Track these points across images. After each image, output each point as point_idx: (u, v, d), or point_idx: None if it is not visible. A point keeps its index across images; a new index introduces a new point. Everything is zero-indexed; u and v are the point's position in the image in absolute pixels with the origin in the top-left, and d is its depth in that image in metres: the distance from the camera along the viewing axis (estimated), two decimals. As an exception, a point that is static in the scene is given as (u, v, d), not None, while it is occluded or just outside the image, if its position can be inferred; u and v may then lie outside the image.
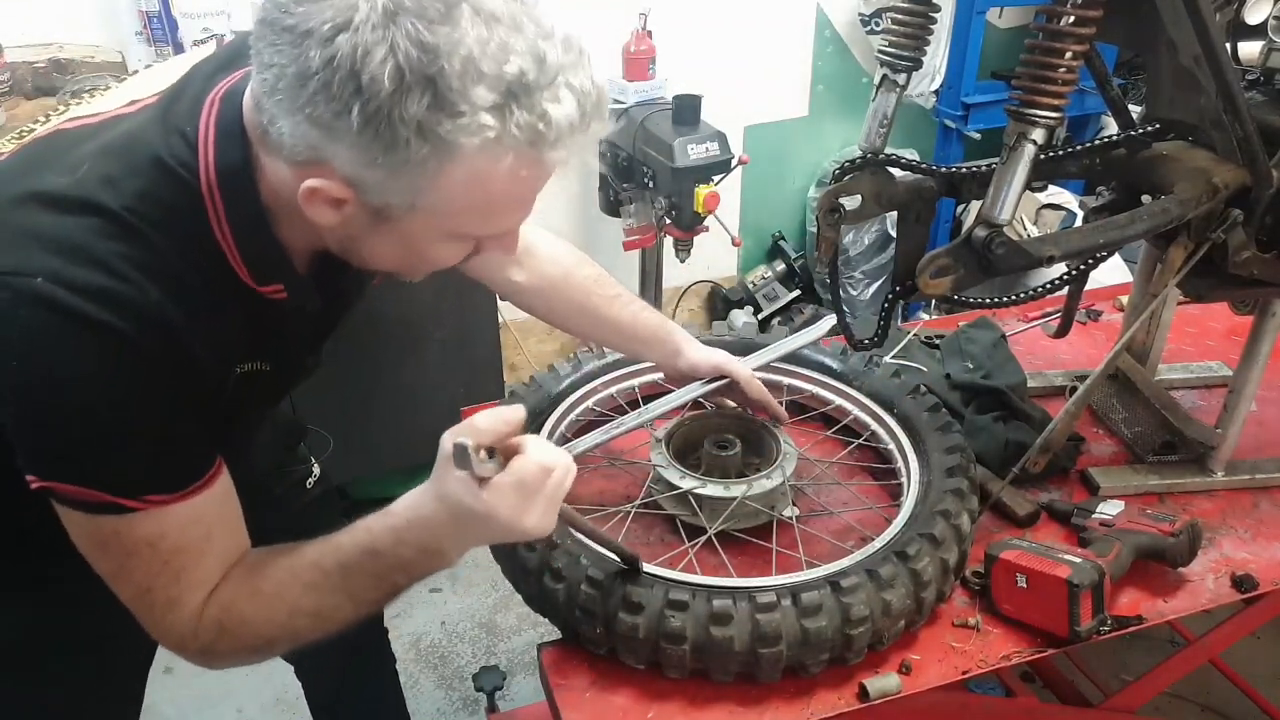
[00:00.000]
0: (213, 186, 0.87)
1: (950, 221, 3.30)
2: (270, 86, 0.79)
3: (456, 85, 0.75)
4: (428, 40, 0.74)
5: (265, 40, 0.78)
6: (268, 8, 0.79)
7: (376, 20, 0.74)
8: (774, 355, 1.56)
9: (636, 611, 1.13)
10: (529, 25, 0.80)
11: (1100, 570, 1.19)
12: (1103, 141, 1.33)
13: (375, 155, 0.78)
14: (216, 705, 2.38)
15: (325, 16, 0.75)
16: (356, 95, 0.75)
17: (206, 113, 0.88)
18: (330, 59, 0.74)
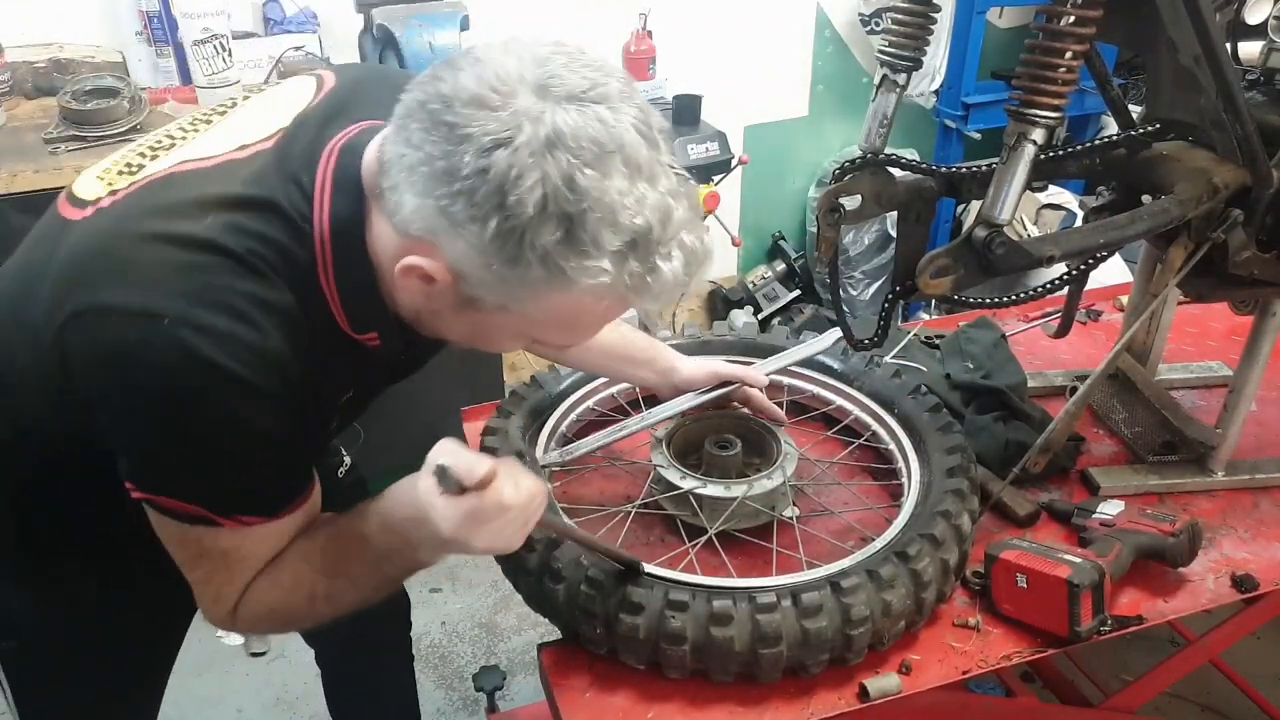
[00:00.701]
0: (325, 237, 0.91)
1: (950, 221, 3.30)
2: (409, 164, 0.81)
3: (590, 229, 0.79)
4: (578, 181, 0.77)
5: (419, 122, 0.81)
6: (430, 94, 0.81)
7: (536, 147, 0.77)
8: (780, 364, 1.55)
9: (636, 612, 1.13)
10: (663, 178, 0.83)
11: (1100, 570, 1.19)
12: (1103, 141, 1.33)
13: (493, 262, 0.81)
14: (216, 705, 2.38)
15: (489, 128, 0.77)
16: (498, 210, 0.78)
17: (324, 164, 0.92)
18: (483, 169, 0.77)
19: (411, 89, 0.84)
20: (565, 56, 0.82)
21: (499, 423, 1.43)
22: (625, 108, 0.81)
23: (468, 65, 0.81)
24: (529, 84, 0.79)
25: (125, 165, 0.97)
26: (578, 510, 1.36)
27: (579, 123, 0.78)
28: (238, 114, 1.04)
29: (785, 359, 1.55)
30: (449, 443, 0.91)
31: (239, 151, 0.94)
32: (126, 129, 2.26)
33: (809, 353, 1.56)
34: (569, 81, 0.80)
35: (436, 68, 0.84)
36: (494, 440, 1.38)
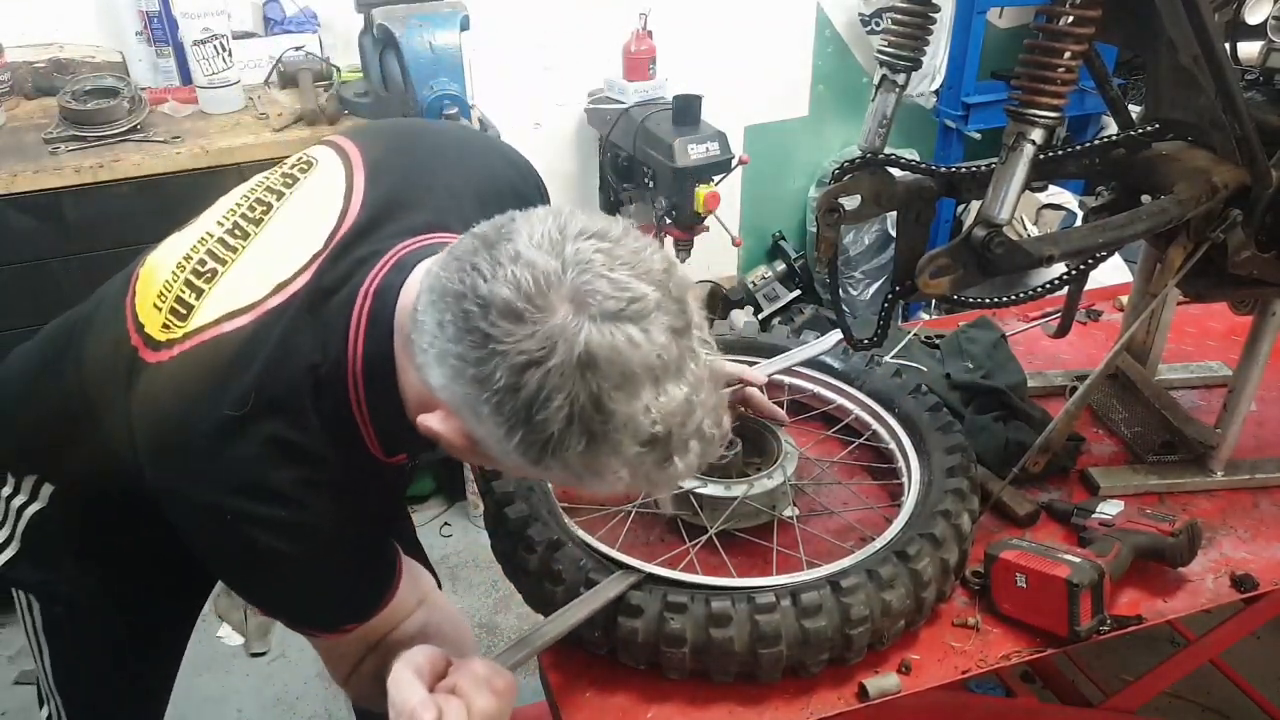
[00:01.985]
0: (358, 377, 0.96)
1: (950, 221, 3.29)
2: (439, 351, 0.82)
3: (612, 443, 0.80)
4: (605, 404, 0.78)
5: (452, 316, 0.81)
6: (467, 287, 0.80)
7: (568, 369, 0.77)
8: (782, 365, 1.55)
9: (635, 615, 1.13)
10: (690, 371, 0.82)
11: (1100, 570, 1.19)
12: (1102, 141, 1.33)
13: (513, 454, 0.83)
14: (217, 705, 2.38)
15: (523, 346, 0.77)
16: (524, 424, 0.79)
17: (359, 308, 0.96)
18: (514, 387, 0.78)
19: (448, 267, 0.83)
20: (605, 256, 0.80)
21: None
22: (659, 318, 0.80)
23: (507, 260, 0.80)
24: (565, 294, 0.78)
25: (177, 301, 1.01)
26: (578, 510, 1.36)
27: (612, 344, 0.78)
28: (275, 222, 1.05)
29: (787, 360, 1.55)
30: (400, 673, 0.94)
31: (275, 296, 0.98)
32: (126, 129, 2.26)
33: (811, 354, 1.56)
34: (607, 296, 0.79)
35: (477, 247, 0.82)
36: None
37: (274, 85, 2.68)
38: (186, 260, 1.05)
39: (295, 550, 0.96)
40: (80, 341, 1.12)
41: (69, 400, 1.11)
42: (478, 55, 2.63)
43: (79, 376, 1.10)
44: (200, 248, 1.06)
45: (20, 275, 2.18)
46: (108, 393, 1.03)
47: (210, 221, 1.09)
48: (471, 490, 2.89)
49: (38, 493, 1.17)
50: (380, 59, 2.47)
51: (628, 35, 3.00)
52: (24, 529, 1.19)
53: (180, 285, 1.03)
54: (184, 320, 1.00)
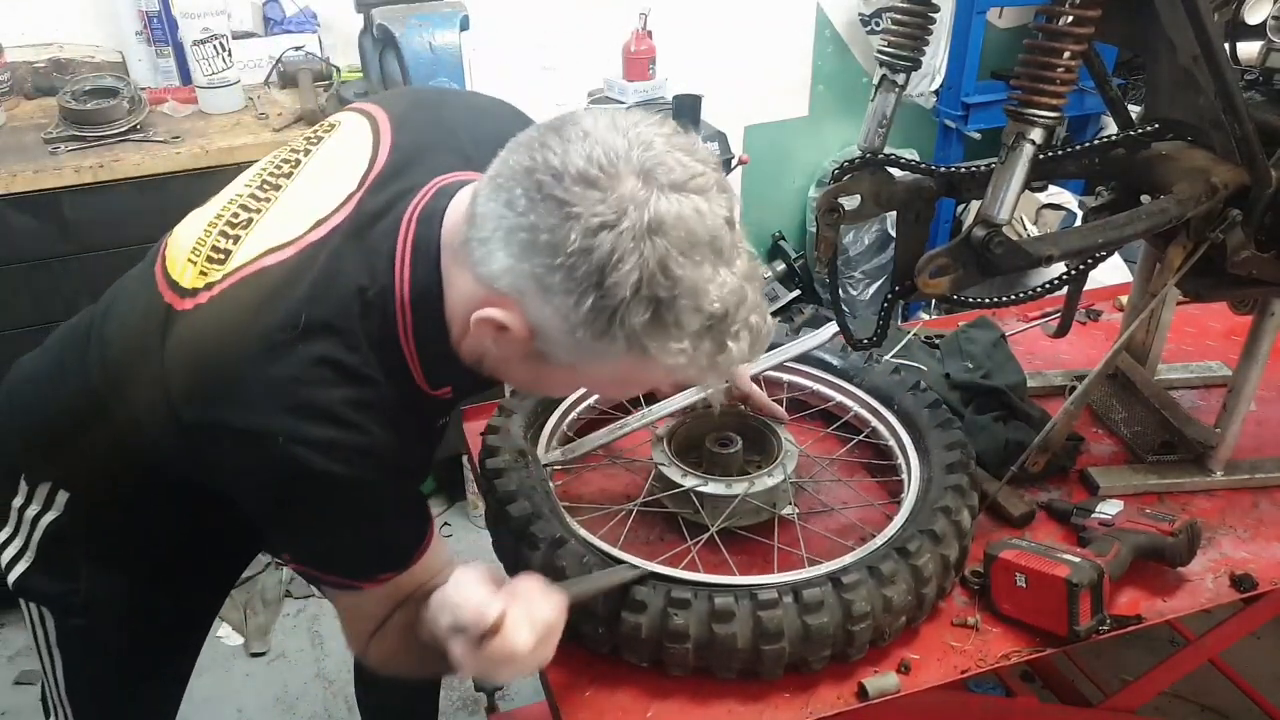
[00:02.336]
0: (405, 304, 0.96)
1: (950, 221, 3.30)
2: (509, 227, 0.84)
3: (676, 313, 0.83)
4: (672, 268, 0.82)
5: (524, 189, 0.83)
6: (538, 162, 0.83)
7: (639, 231, 0.81)
8: (779, 359, 1.56)
9: (639, 611, 1.13)
10: (739, 260, 0.87)
11: (1099, 570, 1.19)
12: (1102, 141, 1.33)
13: (578, 330, 0.85)
14: (216, 705, 2.38)
15: (596, 209, 0.81)
16: (595, 289, 0.82)
17: (403, 234, 0.96)
18: (587, 249, 0.81)
19: (516, 152, 0.86)
20: (665, 140, 0.85)
21: (500, 421, 1.43)
22: (719, 198, 0.85)
23: (576, 139, 0.84)
24: (634, 166, 0.82)
25: (213, 250, 1.01)
26: (579, 509, 1.36)
27: (679, 211, 0.82)
28: (305, 173, 1.06)
29: (783, 354, 1.55)
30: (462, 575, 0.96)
31: (316, 230, 0.98)
32: (126, 129, 2.26)
33: (806, 347, 1.56)
34: (672, 169, 0.83)
35: (544, 133, 0.86)
36: (495, 439, 1.38)
37: (274, 85, 2.68)
38: (218, 219, 1.05)
39: (347, 474, 0.94)
40: (101, 331, 1.12)
41: (90, 394, 1.10)
42: (478, 55, 2.63)
43: (102, 362, 1.10)
44: (231, 206, 1.06)
45: (20, 275, 2.18)
46: (138, 362, 1.02)
47: (237, 186, 1.10)
48: (472, 490, 2.89)
49: (53, 500, 1.17)
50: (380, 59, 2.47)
51: (627, 35, 3.00)
52: (40, 539, 1.18)
53: (215, 236, 1.03)
54: (222, 264, 0.99)
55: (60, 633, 1.25)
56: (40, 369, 1.21)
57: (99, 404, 1.09)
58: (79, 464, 1.15)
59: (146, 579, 1.22)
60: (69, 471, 1.16)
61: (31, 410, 1.19)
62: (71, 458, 1.15)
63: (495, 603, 0.93)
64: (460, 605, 0.93)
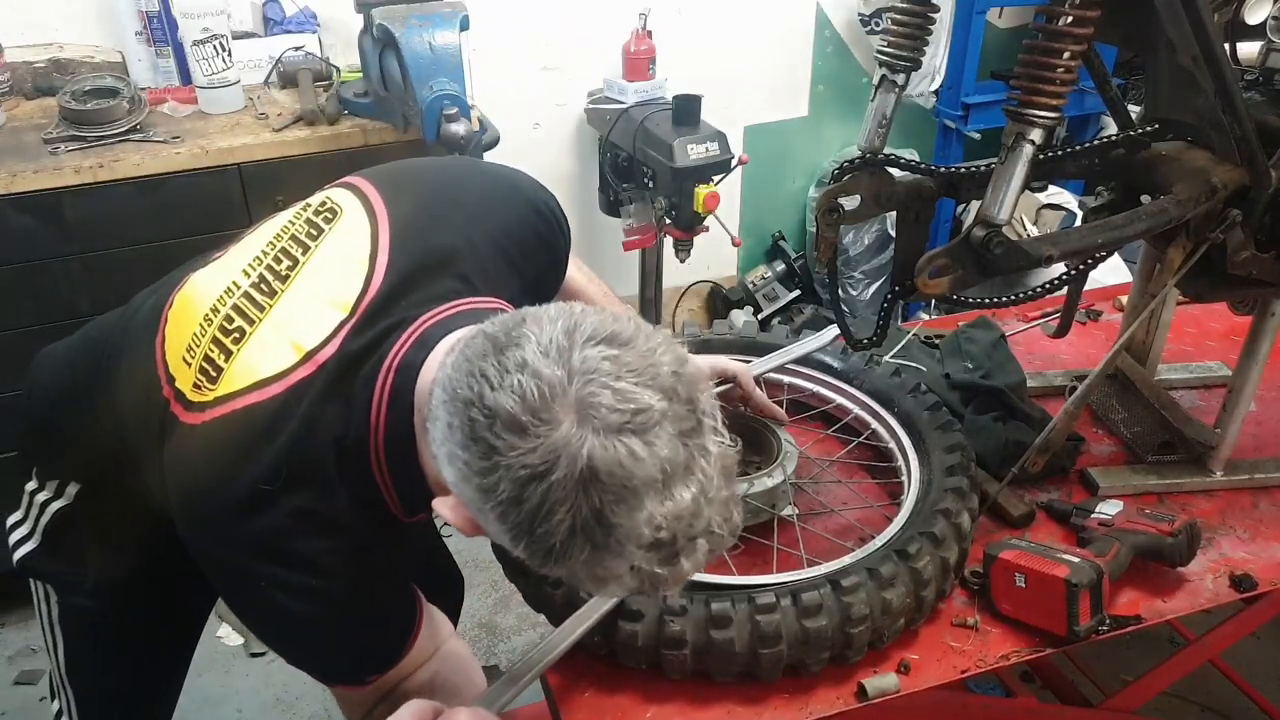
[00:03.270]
0: (379, 449, 0.99)
1: (950, 221, 3.29)
2: (447, 454, 0.84)
3: (616, 548, 0.80)
4: (608, 518, 0.78)
5: (460, 424, 0.82)
6: (474, 394, 0.81)
7: (571, 484, 0.77)
8: (780, 361, 1.55)
9: (635, 619, 1.13)
10: (699, 471, 0.81)
11: (1099, 570, 1.19)
12: (1102, 141, 1.33)
13: (523, 552, 0.84)
14: (216, 705, 2.38)
15: (525, 460, 0.78)
16: (527, 534, 0.81)
17: (381, 384, 0.98)
18: (516, 499, 0.79)
19: (459, 369, 0.84)
20: (612, 363, 0.80)
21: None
22: (664, 428, 0.80)
23: (514, 368, 0.80)
24: (570, 403, 0.78)
25: (205, 361, 1.02)
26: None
27: (615, 459, 0.77)
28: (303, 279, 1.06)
29: (783, 356, 1.55)
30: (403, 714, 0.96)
31: (303, 367, 0.99)
32: (126, 129, 2.26)
33: (807, 350, 1.56)
34: (611, 407, 0.78)
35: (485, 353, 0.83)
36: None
37: (274, 85, 2.68)
38: (214, 313, 1.06)
39: (322, 613, 0.99)
40: (110, 372, 1.14)
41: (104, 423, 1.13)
42: (478, 55, 2.63)
43: (110, 411, 1.13)
44: (227, 300, 1.06)
45: (20, 275, 2.18)
46: (143, 440, 1.06)
47: (236, 269, 1.09)
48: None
49: (63, 491, 1.20)
50: (380, 59, 2.46)
51: (627, 35, 3.00)
52: (47, 524, 1.21)
53: (208, 343, 1.04)
54: (214, 383, 1.01)
55: (63, 612, 1.28)
56: (62, 373, 1.23)
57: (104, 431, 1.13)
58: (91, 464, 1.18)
59: (150, 565, 1.23)
60: (81, 468, 1.20)
61: (51, 409, 1.23)
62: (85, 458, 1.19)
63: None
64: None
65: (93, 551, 1.23)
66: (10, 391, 1.30)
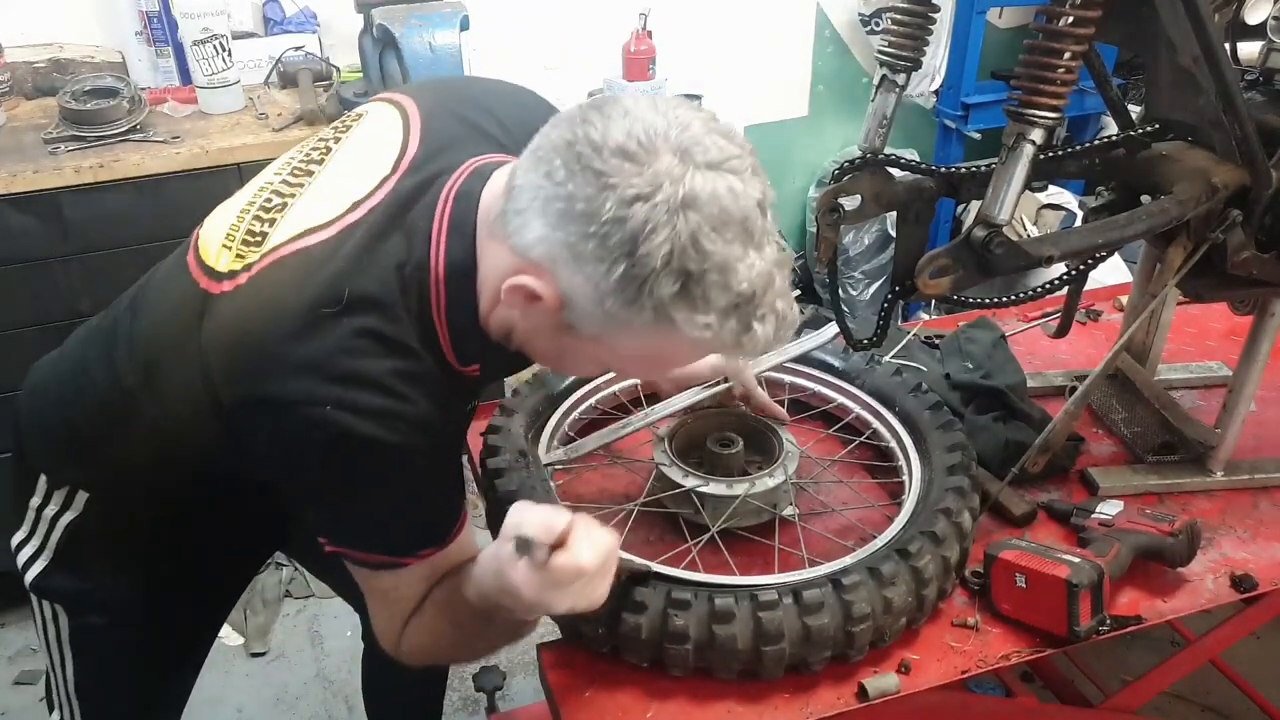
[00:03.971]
0: (440, 279, 0.98)
1: (950, 221, 3.30)
2: (546, 196, 0.86)
3: (704, 288, 0.85)
4: (702, 242, 0.83)
5: (563, 160, 0.85)
6: (578, 136, 0.85)
7: (673, 204, 0.82)
8: (779, 359, 1.55)
9: (639, 611, 1.13)
10: (769, 248, 0.88)
11: (1099, 570, 1.19)
12: (1102, 141, 1.33)
13: (606, 300, 0.86)
14: (216, 705, 2.38)
15: (632, 182, 0.83)
16: (627, 257, 0.83)
17: (440, 211, 0.98)
18: (621, 218, 0.83)
19: (557, 127, 0.88)
20: (703, 123, 0.87)
21: (501, 421, 1.43)
22: (754, 180, 0.87)
23: (617, 115, 0.85)
24: (672, 145, 0.84)
25: (248, 234, 1.02)
26: (580, 509, 1.35)
27: (713, 189, 0.84)
28: (337, 160, 1.07)
29: (784, 354, 1.55)
30: (523, 506, 0.96)
31: (354, 212, 0.99)
32: (126, 129, 2.26)
33: (807, 347, 1.56)
34: (708, 148, 0.85)
35: (585, 110, 0.88)
36: (496, 439, 1.38)
37: (274, 85, 2.68)
38: (250, 205, 1.06)
39: (394, 440, 0.94)
40: (129, 328, 1.12)
41: (119, 390, 1.10)
42: (478, 55, 2.63)
43: (133, 357, 1.10)
44: (263, 193, 1.07)
45: (20, 275, 2.18)
46: (175, 348, 1.03)
47: (266, 176, 1.10)
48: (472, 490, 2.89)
49: (71, 501, 1.17)
50: (380, 59, 2.47)
51: (628, 35, 3.00)
52: (59, 539, 1.18)
53: (250, 221, 1.03)
54: (259, 246, 1.00)
55: (74, 631, 1.25)
56: (62, 370, 1.20)
57: (128, 403, 1.09)
58: (103, 466, 1.15)
59: (163, 579, 1.22)
60: (92, 473, 1.16)
61: (55, 412, 1.19)
62: (96, 459, 1.15)
63: (561, 517, 0.93)
64: (524, 523, 0.93)
65: (106, 566, 1.21)
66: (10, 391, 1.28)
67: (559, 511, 0.94)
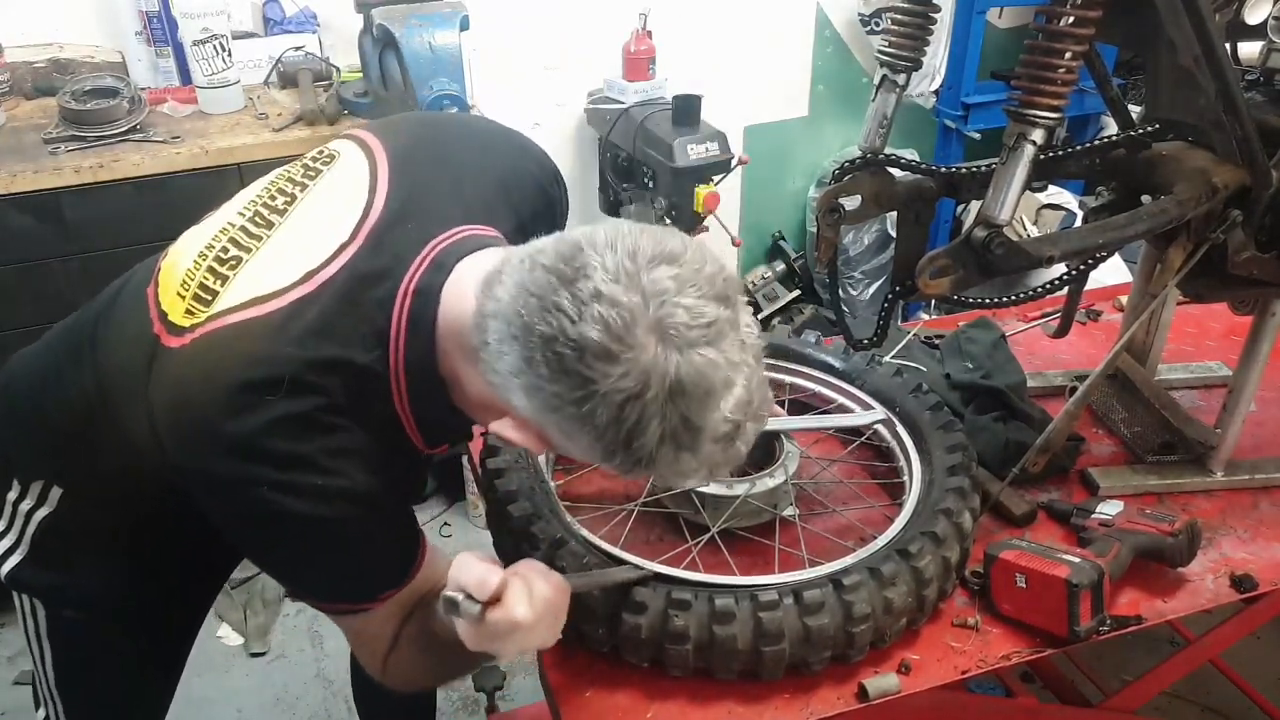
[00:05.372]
0: (399, 375, 0.98)
1: (950, 221, 3.29)
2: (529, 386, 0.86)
3: (691, 450, 0.87)
4: (693, 421, 0.85)
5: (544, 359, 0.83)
6: (555, 329, 0.83)
7: (663, 399, 0.83)
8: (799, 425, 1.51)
9: (639, 611, 1.13)
10: (744, 365, 0.87)
11: (1099, 570, 1.19)
12: (1102, 141, 1.33)
13: (611, 461, 0.88)
14: (216, 705, 2.38)
15: (620, 385, 0.82)
16: (623, 449, 0.86)
17: (399, 308, 0.97)
18: (615, 420, 0.84)
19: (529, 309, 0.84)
20: (675, 282, 0.84)
21: (499, 422, 1.43)
22: (729, 334, 0.86)
23: (589, 299, 0.82)
24: (650, 328, 0.83)
25: (200, 288, 1.01)
26: (580, 509, 1.36)
27: (698, 371, 0.84)
28: (300, 211, 1.06)
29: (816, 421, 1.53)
30: (461, 562, 0.96)
31: (305, 284, 0.98)
32: (126, 129, 2.26)
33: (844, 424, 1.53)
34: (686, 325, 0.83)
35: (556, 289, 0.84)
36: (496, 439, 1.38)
37: (274, 85, 2.68)
38: (209, 249, 1.05)
39: (331, 514, 0.95)
40: (99, 336, 1.12)
41: (86, 398, 1.10)
42: (478, 55, 2.63)
43: (96, 371, 1.10)
44: (222, 237, 1.06)
45: (20, 275, 2.18)
46: (128, 384, 1.03)
47: (230, 212, 1.09)
48: (471, 490, 2.89)
49: (46, 497, 1.17)
50: (380, 59, 2.47)
51: (628, 35, 3.00)
52: (33, 534, 1.18)
53: (203, 273, 1.03)
54: (208, 305, 0.99)
55: (51, 624, 1.25)
56: (37, 366, 1.20)
57: (93, 413, 1.10)
58: (75, 462, 1.15)
59: (140, 572, 1.22)
60: (63, 469, 1.16)
61: (27, 406, 1.19)
62: (66, 456, 1.15)
63: (495, 574, 0.94)
64: (454, 582, 0.95)
65: (82, 560, 1.20)
66: (10, 391, 1.27)
67: (493, 570, 0.94)
